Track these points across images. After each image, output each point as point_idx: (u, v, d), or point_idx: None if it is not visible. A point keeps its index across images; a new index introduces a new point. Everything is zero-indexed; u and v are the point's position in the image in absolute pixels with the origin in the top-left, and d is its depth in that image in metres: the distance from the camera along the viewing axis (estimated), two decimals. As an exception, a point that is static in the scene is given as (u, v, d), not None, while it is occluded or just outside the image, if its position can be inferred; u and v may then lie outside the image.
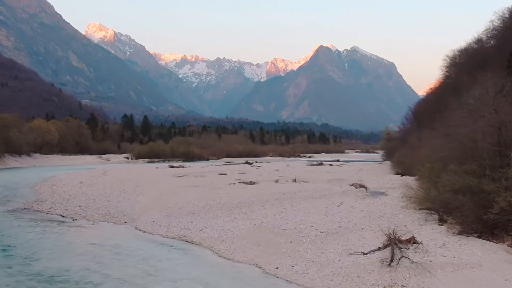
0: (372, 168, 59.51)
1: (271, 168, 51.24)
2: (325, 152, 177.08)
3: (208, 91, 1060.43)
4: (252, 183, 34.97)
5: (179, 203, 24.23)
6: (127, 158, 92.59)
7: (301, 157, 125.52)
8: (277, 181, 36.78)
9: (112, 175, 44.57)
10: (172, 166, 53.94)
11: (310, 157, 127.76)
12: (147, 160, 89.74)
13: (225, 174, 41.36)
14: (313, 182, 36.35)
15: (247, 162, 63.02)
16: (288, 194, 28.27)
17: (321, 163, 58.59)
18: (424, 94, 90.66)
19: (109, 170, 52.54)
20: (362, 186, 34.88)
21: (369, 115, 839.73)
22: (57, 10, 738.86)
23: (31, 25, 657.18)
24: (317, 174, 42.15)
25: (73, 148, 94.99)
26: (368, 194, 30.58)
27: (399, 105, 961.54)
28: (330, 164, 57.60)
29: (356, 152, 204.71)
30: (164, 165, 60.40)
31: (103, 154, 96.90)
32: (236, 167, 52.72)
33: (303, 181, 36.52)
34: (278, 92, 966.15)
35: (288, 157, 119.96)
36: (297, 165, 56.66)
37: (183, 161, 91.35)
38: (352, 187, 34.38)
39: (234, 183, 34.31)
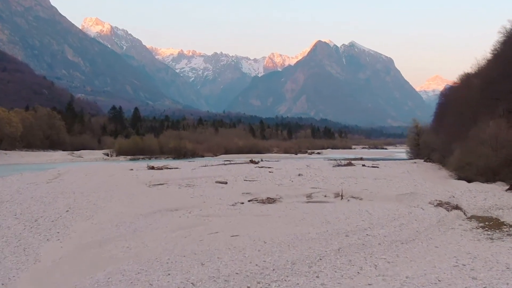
0: (413, 169, 45.23)
1: (288, 170, 36.93)
2: (332, 148, 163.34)
3: (205, 86, 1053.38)
4: (271, 201, 20.82)
5: (118, 275, 10.03)
6: (107, 155, 78.02)
7: (309, 153, 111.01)
8: (309, 196, 22.63)
9: (60, 181, 30.51)
10: (152, 167, 39.43)
11: (318, 153, 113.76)
12: (129, 157, 75.19)
13: (226, 183, 27.07)
14: (371, 198, 22.21)
15: (252, 161, 48.64)
16: (352, 234, 14.10)
17: (350, 163, 44.33)
18: (456, 81, 75.13)
19: (66, 173, 38.34)
20: (455, 207, 20.90)
21: (367, 110, 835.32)
22: (53, 3, 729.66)
23: (26, 18, 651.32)
24: (364, 182, 27.90)
25: (42, 142, 79.88)
26: (485, 227, 16.78)
27: (397, 101, 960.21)
28: (363, 165, 43.36)
29: (364, 148, 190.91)
30: (143, 165, 45.83)
31: (79, 150, 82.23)
32: (239, 169, 38.40)
33: (353, 197, 22.40)
34: (276, 87, 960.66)
35: (295, 154, 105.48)
36: (320, 166, 42.28)
37: (173, 158, 77.35)
38: (440, 208, 20.40)
39: (242, 202, 20.17)
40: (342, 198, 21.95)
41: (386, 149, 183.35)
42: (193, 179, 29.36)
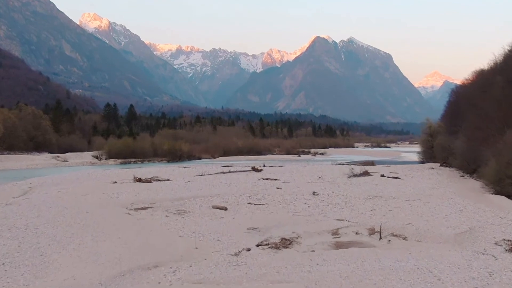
0: (437, 179, 39.72)
1: (298, 183, 31.44)
2: (334, 147, 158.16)
3: (204, 82, 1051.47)
4: (286, 244, 15.36)
5: None
6: (97, 158, 72.32)
7: (313, 154, 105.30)
8: (336, 233, 17.16)
9: (24, 201, 24.98)
10: (140, 180, 33.92)
11: (322, 154, 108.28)
12: (120, 160, 69.50)
13: (225, 209, 21.60)
14: (419, 238, 16.74)
15: (254, 169, 43.19)
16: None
17: (366, 172, 38.87)
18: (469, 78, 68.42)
19: (37, 187, 32.87)
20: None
21: (366, 106, 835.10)
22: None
23: (24, 13, 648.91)
24: (399, 208, 22.29)
25: (26, 144, 73.97)
26: None
27: (395, 97, 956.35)
28: (382, 175, 37.87)
29: (366, 146, 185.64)
30: (131, 173, 40.11)
31: (67, 152, 76.49)
32: (240, 181, 32.90)
33: (394, 235, 16.96)
34: (274, 83, 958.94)
35: (298, 155, 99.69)
36: (333, 177, 36.68)
37: (168, 161, 71.95)
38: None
39: (249, 249, 14.70)
40: (380, 237, 16.50)
41: (389, 147, 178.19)
42: (185, 201, 23.89)
